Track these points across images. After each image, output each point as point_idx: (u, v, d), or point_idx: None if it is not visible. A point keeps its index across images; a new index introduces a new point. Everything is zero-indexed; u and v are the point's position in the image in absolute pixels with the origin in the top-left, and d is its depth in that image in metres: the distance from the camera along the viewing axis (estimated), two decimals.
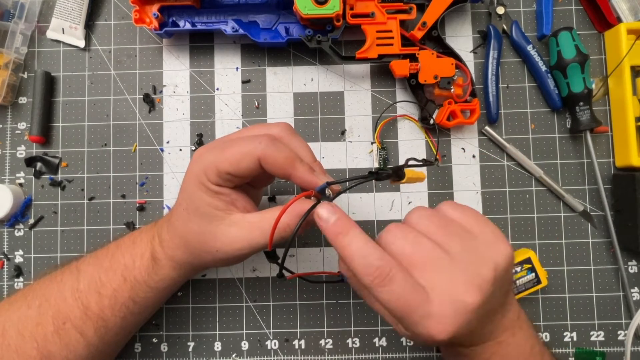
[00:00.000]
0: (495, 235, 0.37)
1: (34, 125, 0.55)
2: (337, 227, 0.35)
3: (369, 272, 0.33)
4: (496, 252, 0.35)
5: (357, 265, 0.33)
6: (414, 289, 0.33)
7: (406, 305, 0.32)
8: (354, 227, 0.35)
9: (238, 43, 0.58)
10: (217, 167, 0.38)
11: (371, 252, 0.34)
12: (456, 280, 0.33)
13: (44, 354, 0.41)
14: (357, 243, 0.34)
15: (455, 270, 0.34)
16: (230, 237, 0.39)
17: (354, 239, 0.34)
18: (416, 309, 0.32)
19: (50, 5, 0.57)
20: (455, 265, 0.34)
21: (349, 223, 0.35)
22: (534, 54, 0.55)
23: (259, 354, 0.55)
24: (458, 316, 0.33)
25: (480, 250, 0.35)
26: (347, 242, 0.34)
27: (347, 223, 0.35)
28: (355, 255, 0.34)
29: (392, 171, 0.38)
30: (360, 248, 0.34)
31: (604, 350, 0.54)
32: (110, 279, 0.43)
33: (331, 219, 0.35)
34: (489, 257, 0.35)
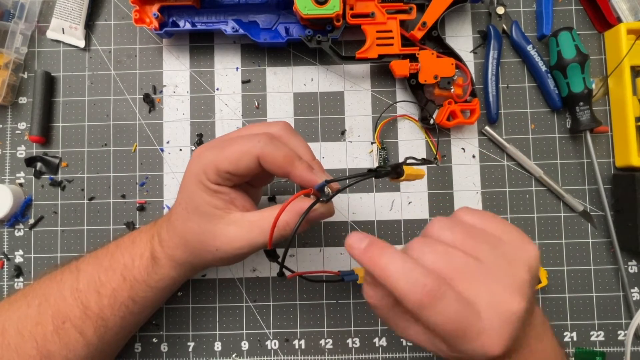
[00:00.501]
0: (521, 236, 0.35)
1: (34, 125, 0.55)
2: (371, 251, 0.33)
3: (417, 290, 0.30)
4: (526, 254, 0.34)
5: (403, 285, 0.30)
6: (466, 305, 0.31)
7: (460, 324, 0.30)
8: (389, 247, 0.33)
9: (238, 43, 0.58)
10: (216, 166, 0.38)
11: (414, 268, 0.31)
12: (497, 289, 0.31)
13: (43, 353, 0.41)
14: (397, 262, 0.31)
15: (494, 279, 0.32)
16: (229, 236, 0.39)
17: (392, 259, 0.32)
18: (471, 327, 0.30)
19: (50, 5, 0.57)
20: (492, 273, 0.32)
21: (382, 244, 0.33)
22: (534, 54, 0.55)
23: (259, 354, 0.55)
24: (509, 326, 0.31)
25: (510, 253, 0.34)
26: (385, 263, 0.32)
27: (380, 244, 0.33)
28: (398, 274, 0.31)
29: (391, 168, 0.38)
30: (402, 267, 0.31)
31: (604, 350, 0.54)
32: (110, 278, 0.43)
33: (363, 244, 0.33)
34: (520, 259, 0.33)
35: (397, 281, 0.31)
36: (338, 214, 0.56)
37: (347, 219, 0.56)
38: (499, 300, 0.31)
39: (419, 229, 0.56)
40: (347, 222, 0.56)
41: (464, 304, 0.31)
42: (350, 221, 0.56)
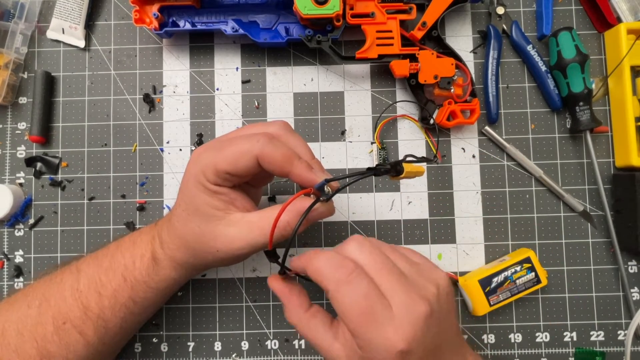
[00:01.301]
0: (434, 265, 0.40)
1: (34, 125, 0.55)
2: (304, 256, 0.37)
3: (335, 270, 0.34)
4: (437, 275, 0.38)
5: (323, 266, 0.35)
6: (377, 292, 0.34)
7: (369, 307, 0.33)
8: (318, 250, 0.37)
9: (238, 43, 0.58)
10: (215, 166, 0.38)
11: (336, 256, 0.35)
12: (410, 292, 0.34)
13: (43, 353, 0.41)
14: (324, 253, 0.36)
15: (409, 285, 0.35)
16: (230, 236, 0.39)
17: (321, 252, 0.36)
18: (379, 312, 0.33)
19: (50, 5, 0.57)
20: (408, 281, 0.36)
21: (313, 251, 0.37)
22: (534, 54, 0.55)
23: (259, 354, 0.55)
24: (415, 325, 0.33)
25: (423, 272, 0.38)
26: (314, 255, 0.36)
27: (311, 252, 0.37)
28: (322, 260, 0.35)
29: (391, 166, 0.38)
30: (327, 255, 0.36)
31: (604, 350, 0.54)
32: (110, 279, 0.43)
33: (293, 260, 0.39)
34: (431, 278, 0.37)
35: (321, 265, 0.35)
36: (338, 214, 0.56)
37: (347, 219, 0.56)
38: (411, 301, 0.34)
39: (419, 229, 0.56)
40: (347, 222, 0.56)
41: (376, 292, 0.34)
42: (350, 221, 0.56)
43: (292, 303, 0.40)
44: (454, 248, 0.56)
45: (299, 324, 0.39)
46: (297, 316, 0.39)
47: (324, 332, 0.38)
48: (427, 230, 0.56)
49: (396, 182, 0.56)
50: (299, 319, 0.39)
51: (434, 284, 0.37)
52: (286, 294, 0.40)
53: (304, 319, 0.39)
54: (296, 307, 0.39)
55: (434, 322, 0.35)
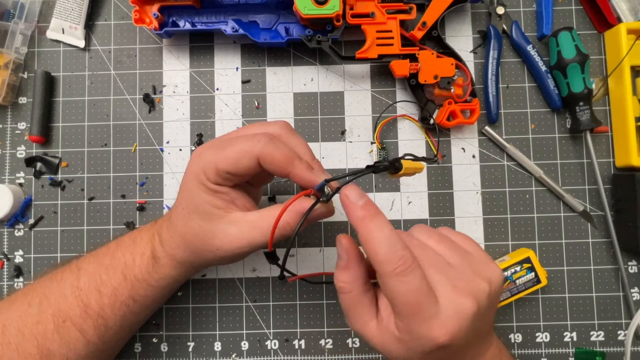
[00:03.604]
0: (488, 257, 0.38)
1: (34, 125, 0.55)
2: (366, 210, 0.34)
3: (394, 259, 0.32)
4: (490, 270, 0.37)
5: (382, 250, 0.33)
6: (428, 287, 0.33)
7: (418, 301, 0.32)
8: (381, 214, 0.35)
9: (238, 43, 0.58)
10: (216, 166, 0.38)
11: (397, 241, 0.33)
12: (457, 287, 0.34)
13: (43, 352, 0.41)
14: (385, 230, 0.34)
15: (457, 280, 0.34)
16: (230, 235, 0.39)
17: (382, 225, 0.34)
18: (426, 307, 0.33)
19: (50, 5, 0.57)
20: (457, 275, 0.35)
21: (376, 208, 0.35)
22: (534, 54, 0.55)
23: (259, 354, 0.55)
24: (459, 321, 0.33)
25: (476, 266, 0.36)
26: (374, 227, 0.34)
27: (375, 208, 0.35)
28: (383, 241, 0.33)
29: (389, 163, 0.38)
30: (388, 235, 0.33)
31: (604, 350, 0.54)
32: (111, 277, 0.43)
33: (360, 201, 0.35)
34: (484, 272, 0.36)
35: (380, 246, 0.33)
36: (338, 214, 0.56)
37: (347, 219, 0.56)
38: (457, 296, 0.33)
39: None
40: (347, 222, 0.56)
41: (427, 286, 0.33)
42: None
43: (354, 268, 0.37)
44: None
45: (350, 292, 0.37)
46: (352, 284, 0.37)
47: (367, 309, 0.37)
48: None
49: (396, 181, 0.56)
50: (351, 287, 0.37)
51: (486, 280, 0.35)
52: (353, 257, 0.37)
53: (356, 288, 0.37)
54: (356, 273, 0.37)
55: (479, 319, 0.34)
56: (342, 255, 0.37)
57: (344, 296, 0.37)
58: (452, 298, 0.33)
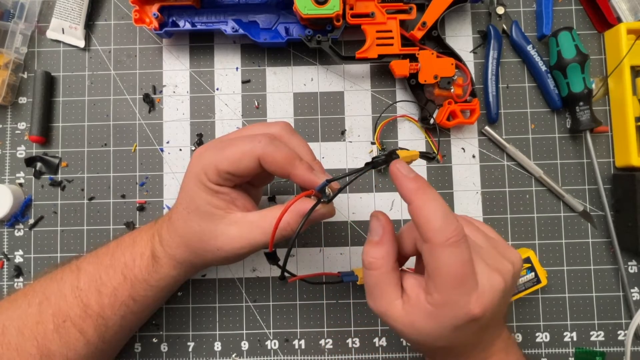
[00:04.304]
0: (508, 244, 0.40)
1: (34, 125, 0.55)
2: (419, 182, 0.35)
3: (449, 229, 0.33)
4: (512, 253, 0.38)
5: (438, 219, 0.33)
6: (471, 262, 0.34)
7: (465, 273, 0.33)
8: (431, 187, 0.35)
9: (238, 43, 0.58)
10: (216, 166, 0.38)
11: (450, 213, 0.34)
12: (489, 264, 0.35)
13: (43, 352, 0.41)
14: (440, 200, 0.34)
15: (488, 258, 0.36)
16: (230, 236, 0.39)
17: (436, 196, 0.34)
18: (469, 280, 0.33)
19: (50, 5, 0.57)
20: (487, 254, 0.36)
21: (426, 182, 0.35)
22: (534, 54, 0.55)
23: (259, 354, 0.55)
24: (492, 294, 0.34)
25: (500, 249, 0.38)
26: (429, 198, 0.34)
27: (424, 181, 0.35)
28: (436, 212, 0.33)
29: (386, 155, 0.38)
30: (442, 205, 0.34)
31: (604, 350, 0.54)
32: (111, 277, 0.43)
33: (411, 174, 0.35)
34: (507, 255, 0.38)
35: (435, 215, 0.33)
36: (338, 214, 0.56)
37: (347, 219, 0.56)
38: (491, 272, 0.35)
39: None
40: (347, 222, 0.56)
41: (472, 260, 0.34)
42: (350, 221, 0.56)
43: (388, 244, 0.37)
44: None
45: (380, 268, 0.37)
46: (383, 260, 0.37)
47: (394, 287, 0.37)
48: None
49: None
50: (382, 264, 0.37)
51: (509, 261, 0.37)
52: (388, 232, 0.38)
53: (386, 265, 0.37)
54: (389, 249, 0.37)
55: (505, 296, 0.36)
56: (376, 230, 0.38)
57: (373, 272, 0.37)
58: (487, 273, 0.34)
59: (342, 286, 0.55)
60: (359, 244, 0.56)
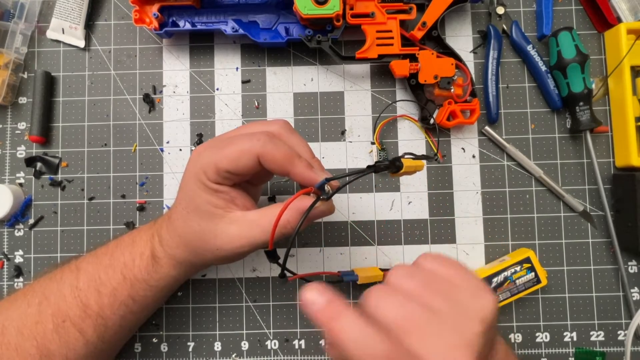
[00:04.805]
0: (479, 286, 0.34)
1: (34, 125, 0.55)
2: (328, 311, 0.31)
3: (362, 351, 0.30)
4: (482, 304, 0.33)
5: (356, 353, 0.30)
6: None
7: None
8: (346, 309, 0.31)
9: (238, 43, 0.58)
10: (216, 165, 0.38)
11: (371, 337, 0.30)
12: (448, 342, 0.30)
13: (43, 352, 0.41)
14: (353, 328, 0.31)
15: (446, 331, 0.31)
16: (230, 235, 0.39)
17: (348, 324, 0.31)
18: None
19: (50, 5, 0.57)
20: (445, 325, 0.31)
21: (340, 305, 0.32)
22: (534, 54, 0.55)
23: (259, 354, 0.55)
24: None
25: (465, 302, 0.33)
26: (341, 328, 0.31)
27: (338, 305, 0.32)
28: (352, 342, 0.30)
29: (390, 162, 0.38)
30: (358, 334, 0.30)
31: (604, 350, 0.54)
32: (110, 277, 0.43)
33: (320, 301, 0.32)
34: (474, 309, 0.32)
35: (350, 349, 0.30)
36: (338, 214, 0.56)
37: (347, 218, 0.56)
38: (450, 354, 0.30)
39: (419, 229, 0.56)
40: (347, 222, 0.56)
41: None
42: (350, 221, 0.56)
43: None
44: (453, 248, 0.56)
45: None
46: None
47: None
48: (427, 230, 0.56)
49: (396, 181, 0.56)
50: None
51: (477, 319, 0.32)
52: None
53: None
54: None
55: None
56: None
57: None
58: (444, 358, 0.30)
59: (342, 286, 0.55)
60: (359, 244, 0.56)
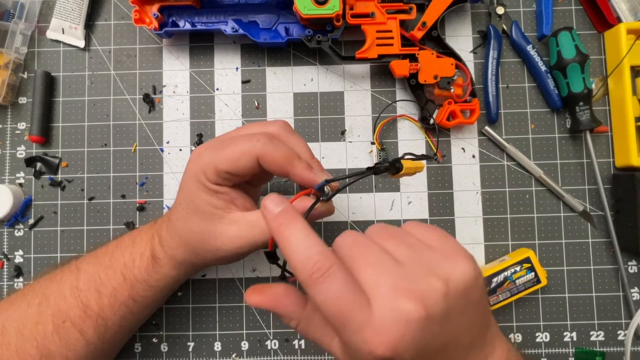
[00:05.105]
0: (457, 250, 0.32)
1: (34, 125, 0.55)
2: (280, 218, 0.32)
3: (307, 266, 0.30)
4: (451, 266, 0.31)
5: (296, 257, 0.30)
6: (354, 291, 0.29)
7: (344, 309, 0.29)
8: (298, 219, 0.32)
9: (238, 43, 0.58)
10: (215, 166, 0.38)
11: (313, 245, 0.30)
12: (399, 286, 0.29)
13: (43, 352, 0.41)
14: (299, 235, 0.31)
15: (401, 278, 0.29)
16: (230, 235, 0.39)
17: (296, 231, 0.31)
18: (355, 314, 0.28)
19: (50, 5, 0.57)
20: (403, 273, 0.30)
21: (293, 214, 0.32)
22: (533, 54, 0.55)
23: (259, 354, 0.55)
24: (399, 327, 0.28)
25: (433, 261, 0.31)
26: (289, 234, 0.31)
27: (291, 214, 0.32)
28: (296, 247, 0.31)
29: (390, 164, 0.38)
30: (302, 240, 0.31)
31: (604, 350, 0.54)
32: (110, 277, 0.43)
33: (275, 210, 0.33)
34: (441, 268, 0.31)
35: (291, 253, 0.31)
36: (338, 214, 0.56)
37: (347, 219, 0.56)
38: (396, 299, 0.28)
39: None
40: (347, 222, 0.56)
41: (352, 289, 0.29)
42: (350, 221, 0.56)
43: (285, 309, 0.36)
44: None
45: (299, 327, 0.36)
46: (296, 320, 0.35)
47: (323, 328, 0.34)
48: None
49: (396, 181, 0.56)
50: (297, 323, 0.35)
51: (440, 278, 0.30)
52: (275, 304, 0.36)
53: (302, 320, 0.35)
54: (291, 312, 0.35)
55: (434, 323, 0.29)
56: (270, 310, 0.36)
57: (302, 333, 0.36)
58: (389, 301, 0.28)
59: None
60: None
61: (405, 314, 0.28)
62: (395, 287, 0.29)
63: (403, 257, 0.31)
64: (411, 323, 0.28)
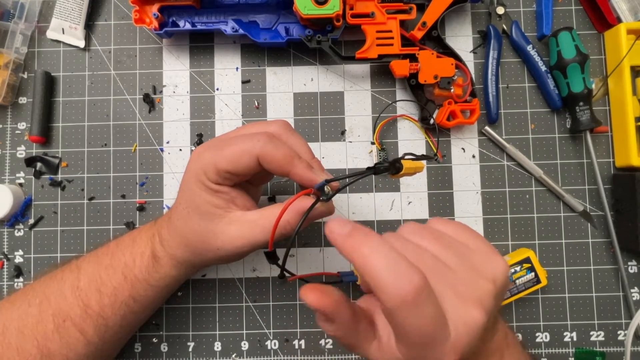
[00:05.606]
0: (491, 249, 0.34)
1: (34, 125, 0.55)
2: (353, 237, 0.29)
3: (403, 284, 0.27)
4: (494, 265, 0.33)
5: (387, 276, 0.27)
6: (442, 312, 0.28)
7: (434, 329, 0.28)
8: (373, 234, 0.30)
9: (238, 43, 0.58)
10: (216, 165, 0.38)
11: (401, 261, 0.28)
12: (461, 293, 0.30)
13: (44, 352, 0.41)
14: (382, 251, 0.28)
15: (460, 285, 0.30)
16: (230, 235, 0.39)
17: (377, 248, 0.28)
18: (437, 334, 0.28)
19: (50, 5, 0.57)
20: (459, 280, 0.30)
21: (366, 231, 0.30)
22: (533, 54, 0.55)
23: (259, 354, 0.55)
24: (470, 337, 0.29)
25: (477, 263, 0.32)
26: (369, 252, 0.28)
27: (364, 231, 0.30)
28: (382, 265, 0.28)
29: (390, 164, 0.38)
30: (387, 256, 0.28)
31: (604, 350, 0.54)
32: (111, 277, 0.43)
33: (344, 230, 0.30)
34: (487, 270, 0.32)
35: (379, 272, 0.28)
36: (338, 214, 0.56)
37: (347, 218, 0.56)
38: (465, 308, 0.29)
39: None
40: None
41: (441, 311, 0.29)
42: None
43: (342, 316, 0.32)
44: None
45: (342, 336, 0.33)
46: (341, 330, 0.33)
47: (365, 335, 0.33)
48: None
49: (396, 181, 0.56)
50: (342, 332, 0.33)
51: (490, 280, 0.31)
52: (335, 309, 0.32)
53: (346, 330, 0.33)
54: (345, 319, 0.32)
55: (488, 324, 0.30)
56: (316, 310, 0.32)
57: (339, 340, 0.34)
58: (460, 312, 0.29)
59: (341, 286, 0.55)
60: None
61: (474, 322, 0.29)
62: (457, 295, 0.30)
63: (452, 262, 0.32)
64: (478, 329, 0.29)
